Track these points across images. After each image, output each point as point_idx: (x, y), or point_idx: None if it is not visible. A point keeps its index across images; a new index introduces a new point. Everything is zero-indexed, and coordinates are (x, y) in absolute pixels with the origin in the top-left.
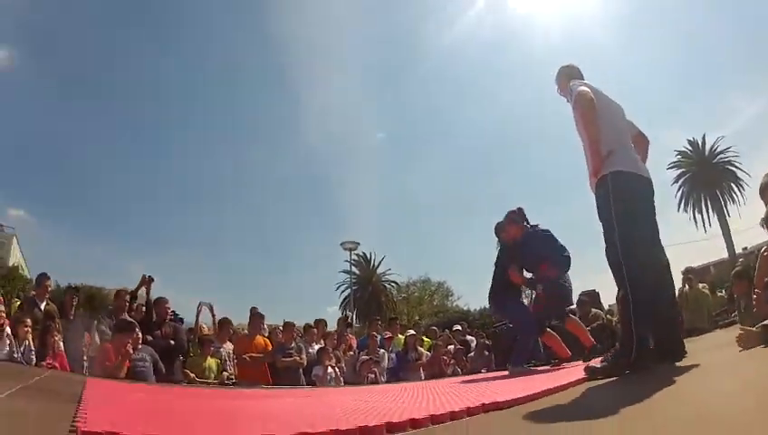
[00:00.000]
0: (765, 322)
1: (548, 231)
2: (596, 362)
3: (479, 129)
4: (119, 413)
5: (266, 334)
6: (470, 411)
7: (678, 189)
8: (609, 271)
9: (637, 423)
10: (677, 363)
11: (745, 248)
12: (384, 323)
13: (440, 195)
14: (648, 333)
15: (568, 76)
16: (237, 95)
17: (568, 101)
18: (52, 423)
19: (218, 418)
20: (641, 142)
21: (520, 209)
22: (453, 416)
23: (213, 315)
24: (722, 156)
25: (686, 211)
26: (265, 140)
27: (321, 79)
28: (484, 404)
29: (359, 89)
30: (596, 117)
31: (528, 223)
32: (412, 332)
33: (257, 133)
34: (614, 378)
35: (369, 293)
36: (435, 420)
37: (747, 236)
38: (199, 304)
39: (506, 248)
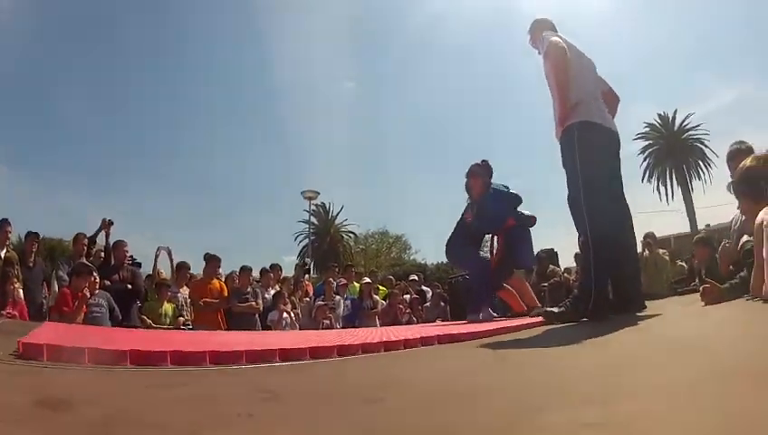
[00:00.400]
0: (734, 279)
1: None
2: (553, 309)
3: (449, 88)
4: (62, 337)
5: (222, 279)
6: (424, 341)
7: (644, 160)
8: (571, 226)
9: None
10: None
11: (708, 225)
12: (340, 270)
13: (405, 150)
14: (607, 281)
15: (541, 28)
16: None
17: (539, 52)
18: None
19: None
20: (611, 99)
21: (485, 162)
22: (406, 343)
23: (171, 260)
24: (691, 132)
25: (650, 182)
26: (229, 81)
27: (294, 20)
28: (438, 335)
29: (334, 36)
30: (567, 66)
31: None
32: (368, 280)
33: (221, 71)
34: (572, 323)
35: (327, 243)
36: (387, 346)
37: (710, 213)
38: (158, 248)
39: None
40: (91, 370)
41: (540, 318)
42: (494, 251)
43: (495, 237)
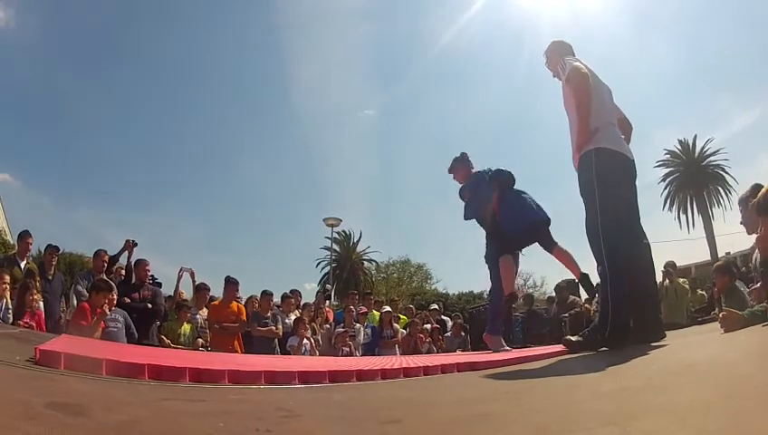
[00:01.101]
0: (756, 307)
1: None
2: (572, 338)
3: (471, 118)
4: (79, 348)
5: (242, 302)
6: (444, 369)
7: (665, 188)
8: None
9: (609, 376)
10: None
11: (728, 253)
12: (360, 298)
13: (426, 179)
14: (625, 310)
15: (559, 51)
16: (226, 55)
17: (554, 75)
18: (17, 350)
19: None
20: (626, 127)
21: (463, 154)
22: (426, 371)
23: (193, 281)
24: (711, 159)
25: (670, 211)
26: (253, 103)
27: (316, 48)
28: (458, 363)
29: (354, 64)
30: (589, 93)
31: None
32: (388, 308)
33: (246, 92)
34: (589, 352)
35: (348, 271)
36: (407, 373)
37: (730, 240)
38: (180, 269)
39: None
40: (107, 380)
41: (556, 348)
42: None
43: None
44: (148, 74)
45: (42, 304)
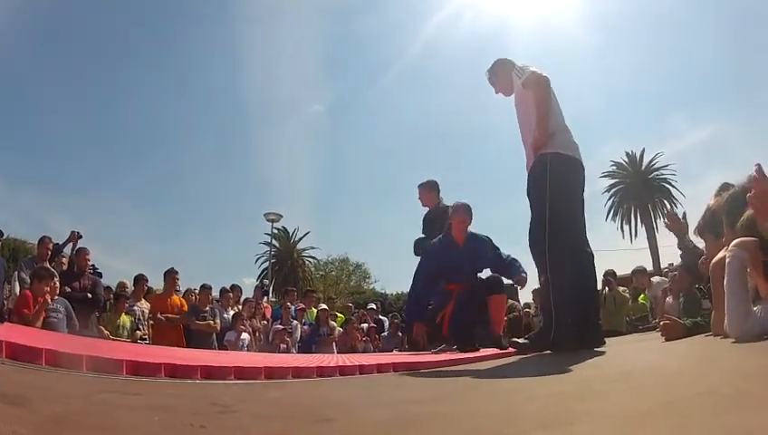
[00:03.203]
0: (698, 318)
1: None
2: (519, 340)
3: (421, 120)
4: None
5: (181, 295)
6: (380, 368)
7: (609, 199)
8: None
9: (547, 380)
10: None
11: (671, 264)
12: (299, 295)
13: (369, 178)
14: (569, 317)
15: (508, 67)
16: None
17: (498, 91)
18: None
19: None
20: None
21: (435, 182)
22: (362, 370)
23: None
24: (657, 173)
25: (613, 221)
26: (197, 93)
27: (269, 41)
28: (394, 363)
29: (306, 57)
30: (549, 94)
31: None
32: (324, 306)
33: (190, 83)
34: (527, 356)
35: (287, 267)
36: (342, 371)
37: (674, 252)
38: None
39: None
40: (47, 371)
41: (493, 351)
42: None
43: None
44: (98, 56)
45: None
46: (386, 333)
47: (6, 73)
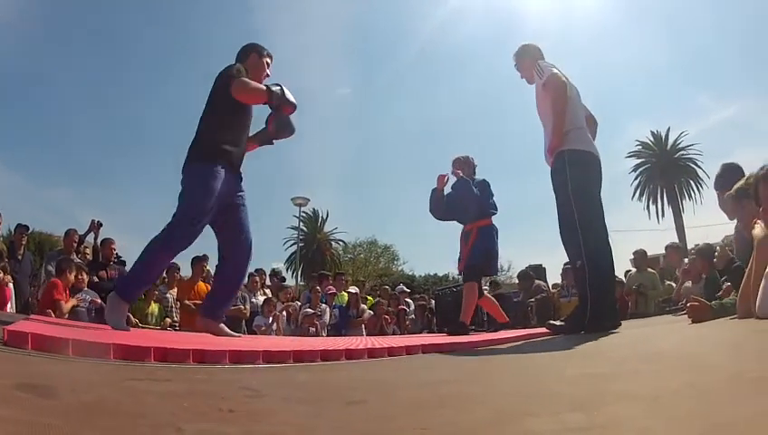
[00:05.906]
0: (725, 300)
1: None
2: (555, 322)
3: (449, 103)
4: (48, 328)
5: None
6: (408, 350)
7: (636, 178)
8: (561, 247)
9: (578, 360)
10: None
11: (697, 245)
12: (331, 278)
13: (397, 160)
14: (603, 301)
15: (533, 55)
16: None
17: (523, 77)
18: None
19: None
20: (591, 123)
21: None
22: (390, 352)
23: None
24: (683, 152)
25: (640, 201)
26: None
27: (296, 24)
28: (423, 345)
29: (333, 41)
30: (566, 101)
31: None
32: (355, 289)
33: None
34: (557, 336)
35: (315, 251)
36: (371, 353)
37: (700, 233)
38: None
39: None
40: (74, 361)
41: (519, 332)
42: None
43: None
44: (127, 57)
45: (11, 284)
46: (413, 316)
47: (33, 74)
